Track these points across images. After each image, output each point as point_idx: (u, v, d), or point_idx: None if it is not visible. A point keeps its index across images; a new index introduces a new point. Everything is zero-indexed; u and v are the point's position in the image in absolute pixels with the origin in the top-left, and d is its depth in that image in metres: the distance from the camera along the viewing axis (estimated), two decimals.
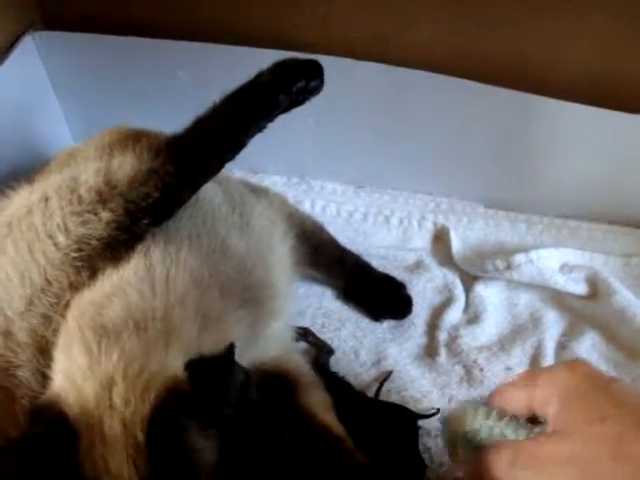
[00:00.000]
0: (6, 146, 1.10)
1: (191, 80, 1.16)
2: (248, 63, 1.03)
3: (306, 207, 1.24)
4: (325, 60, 0.78)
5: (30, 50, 1.15)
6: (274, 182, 1.28)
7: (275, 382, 0.83)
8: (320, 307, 1.08)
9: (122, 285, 0.68)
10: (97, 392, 0.60)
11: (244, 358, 0.69)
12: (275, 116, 0.74)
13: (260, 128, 0.74)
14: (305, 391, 0.84)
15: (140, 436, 0.58)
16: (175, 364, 0.63)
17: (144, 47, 1.13)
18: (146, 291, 0.68)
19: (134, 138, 0.84)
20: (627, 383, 0.98)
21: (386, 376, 0.98)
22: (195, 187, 0.75)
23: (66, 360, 0.64)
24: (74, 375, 0.62)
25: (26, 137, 1.17)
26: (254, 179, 1.26)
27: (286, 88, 0.73)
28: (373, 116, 1.17)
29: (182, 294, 0.69)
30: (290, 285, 0.93)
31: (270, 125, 0.77)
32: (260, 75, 0.75)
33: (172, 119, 0.76)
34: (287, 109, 0.75)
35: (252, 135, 0.74)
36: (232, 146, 0.74)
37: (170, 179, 0.72)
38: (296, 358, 0.91)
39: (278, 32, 1.11)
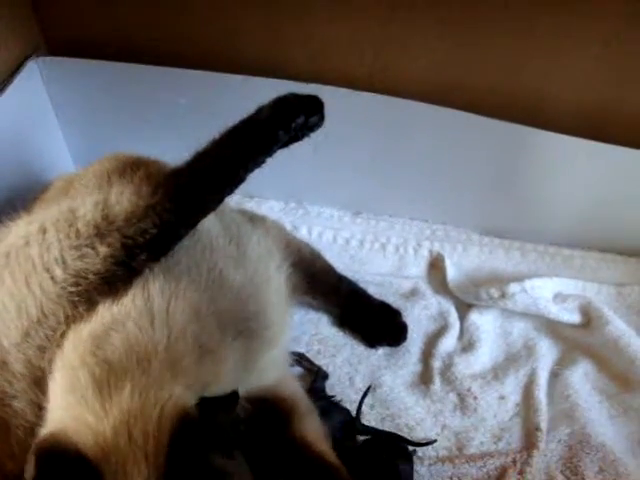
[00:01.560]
0: (7, 168, 1.10)
1: (191, 106, 1.18)
2: (247, 91, 1.04)
3: (303, 233, 1.24)
4: (324, 90, 0.79)
5: (33, 75, 1.17)
6: (271, 207, 1.29)
7: (271, 410, 0.83)
8: (316, 333, 1.09)
9: (121, 318, 0.67)
10: (115, 429, 0.60)
11: (240, 387, 0.69)
12: (274, 151, 0.74)
13: (259, 164, 0.74)
14: (301, 420, 0.84)
15: (162, 465, 0.59)
16: (180, 393, 0.64)
17: (145, 74, 1.15)
18: (145, 324, 0.67)
19: (132, 167, 0.84)
20: (620, 414, 0.99)
21: (365, 390, 0.99)
22: (193, 224, 0.75)
23: (71, 396, 0.64)
24: (85, 414, 0.62)
25: (28, 160, 1.18)
26: (251, 203, 1.27)
27: (286, 124, 0.73)
28: (370, 144, 1.19)
29: (182, 326, 0.69)
30: (286, 314, 0.92)
31: None
32: (260, 111, 0.75)
33: (172, 144, 0.76)
34: (287, 144, 0.75)
35: (251, 170, 0.74)
36: (231, 182, 0.75)
37: (168, 216, 0.71)
38: (292, 385, 0.91)
39: (276, 61, 1.13)
